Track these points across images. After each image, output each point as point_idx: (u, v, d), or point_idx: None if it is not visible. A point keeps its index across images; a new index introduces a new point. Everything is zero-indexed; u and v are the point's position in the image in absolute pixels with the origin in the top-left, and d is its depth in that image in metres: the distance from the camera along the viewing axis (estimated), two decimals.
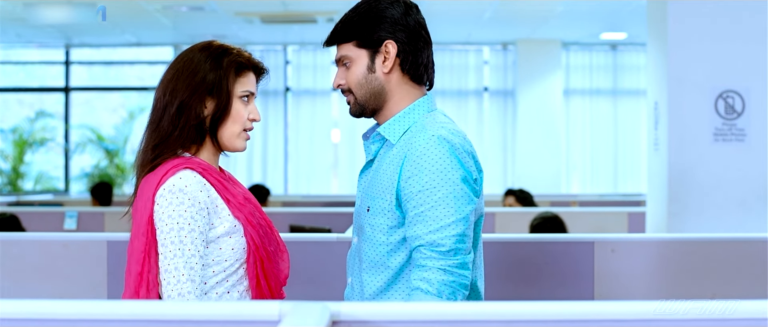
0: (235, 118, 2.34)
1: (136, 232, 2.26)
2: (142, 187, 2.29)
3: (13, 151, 12.65)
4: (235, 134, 2.35)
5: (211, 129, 2.33)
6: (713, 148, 4.90)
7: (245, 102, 2.36)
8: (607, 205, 8.26)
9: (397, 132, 2.39)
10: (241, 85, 2.35)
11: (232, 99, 2.33)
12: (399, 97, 2.42)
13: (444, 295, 2.25)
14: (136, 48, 12.33)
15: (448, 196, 2.27)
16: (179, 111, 2.30)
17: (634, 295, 3.56)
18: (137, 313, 1.71)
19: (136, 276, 2.23)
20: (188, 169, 2.25)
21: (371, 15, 2.40)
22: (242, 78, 2.36)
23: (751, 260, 3.63)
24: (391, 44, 2.39)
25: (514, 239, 3.70)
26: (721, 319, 1.64)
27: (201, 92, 2.30)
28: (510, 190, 7.32)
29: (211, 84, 2.31)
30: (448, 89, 12.32)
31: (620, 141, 12.48)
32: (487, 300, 2.53)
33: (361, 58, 2.41)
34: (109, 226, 6.60)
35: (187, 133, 2.30)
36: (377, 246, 2.38)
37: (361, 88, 2.41)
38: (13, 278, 3.64)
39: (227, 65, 2.33)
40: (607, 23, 10.77)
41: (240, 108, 2.35)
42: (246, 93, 2.36)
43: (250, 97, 2.37)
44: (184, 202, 2.21)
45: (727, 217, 4.85)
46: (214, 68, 2.32)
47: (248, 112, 2.36)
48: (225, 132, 2.34)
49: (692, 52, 4.93)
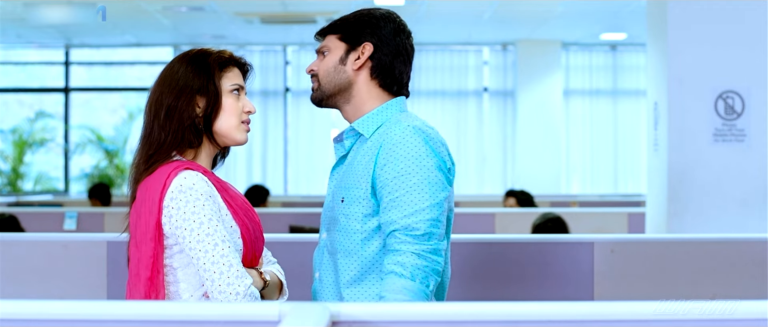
0: (229, 110, 2.35)
1: (143, 238, 2.25)
2: (142, 192, 2.27)
3: (12, 152, 12.65)
4: (234, 126, 2.35)
5: (206, 126, 2.33)
6: (713, 148, 4.90)
7: (236, 95, 2.37)
8: (607, 205, 8.25)
9: (371, 127, 2.46)
10: (227, 79, 2.36)
11: (221, 93, 2.34)
12: (367, 98, 2.49)
13: (417, 280, 2.27)
14: (136, 48, 12.33)
15: (422, 181, 2.33)
16: (168, 115, 2.30)
17: (634, 296, 3.56)
18: (137, 313, 1.71)
19: (146, 281, 2.23)
20: (189, 169, 2.25)
21: (363, 19, 2.50)
22: (227, 73, 2.37)
23: (751, 260, 3.63)
24: (368, 46, 2.48)
25: (515, 240, 3.70)
26: (721, 319, 1.64)
27: (188, 94, 2.31)
28: (511, 191, 7.32)
29: (198, 84, 2.32)
30: (448, 90, 12.32)
31: (620, 141, 12.49)
32: (487, 300, 2.53)
33: (338, 50, 2.49)
34: (109, 226, 6.60)
35: (181, 136, 2.30)
36: (352, 235, 2.42)
37: (327, 77, 2.49)
38: (12, 279, 3.64)
39: (210, 63, 2.35)
40: (607, 24, 10.77)
41: (232, 101, 2.35)
42: (235, 86, 2.37)
43: (241, 91, 2.39)
44: (199, 198, 2.22)
45: (727, 217, 4.85)
46: (197, 69, 2.33)
47: (242, 104, 2.37)
48: (222, 126, 2.34)
49: (692, 52, 4.93)
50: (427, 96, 12.32)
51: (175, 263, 2.27)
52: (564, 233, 4.96)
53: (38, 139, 12.74)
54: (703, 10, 4.94)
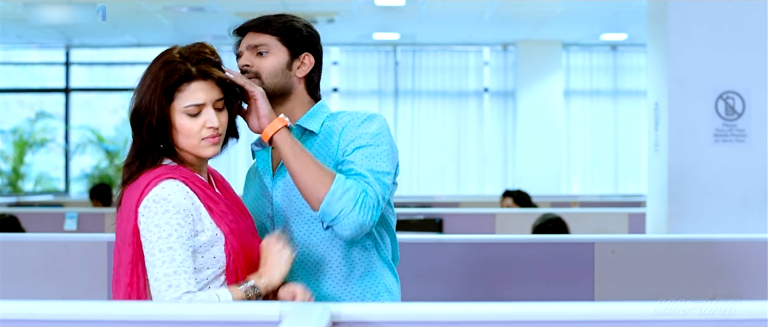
0: (184, 131, 2.26)
1: (122, 243, 2.26)
2: (125, 198, 2.28)
3: (13, 152, 12.65)
4: (194, 145, 2.27)
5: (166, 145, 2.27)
6: (713, 148, 4.90)
7: (192, 116, 2.26)
8: (607, 205, 8.25)
9: (318, 123, 2.54)
10: (182, 99, 2.25)
11: (171, 115, 2.25)
12: (299, 104, 2.56)
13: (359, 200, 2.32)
14: (137, 49, 12.34)
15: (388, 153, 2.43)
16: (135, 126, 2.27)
17: (634, 296, 3.56)
18: (137, 313, 1.71)
19: (126, 287, 2.23)
20: (170, 179, 2.23)
21: (299, 27, 2.57)
22: (181, 93, 2.26)
23: (751, 260, 3.63)
24: (309, 57, 2.56)
25: (515, 240, 3.71)
26: (721, 319, 1.64)
27: (143, 110, 2.26)
28: (507, 191, 7.34)
29: (147, 102, 2.25)
30: (448, 90, 12.32)
31: (620, 142, 12.49)
32: (487, 300, 2.53)
33: (281, 53, 2.53)
34: (110, 227, 6.58)
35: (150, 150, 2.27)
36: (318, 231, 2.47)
37: (274, 78, 2.52)
38: (13, 279, 3.64)
39: (161, 83, 2.25)
40: (608, 24, 10.77)
41: (186, 122, 2.25)
42: (190, 107, 2.26)
43: (201, 108, 2.26)
44: (169, 210, 2.19)
45: (728, 218, 4.85)
46: (152, 85, 2.26)
47: (202, 121, 2.26)
48: (182, 144, 2.28)
49: (693, 52, 4.93)
50: (428, 96, 12.32)
51: None
52: (564, 234, 4.96)
53: (39, 139, 12.74)
54: (703, 11, 4.94)
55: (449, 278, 3.65)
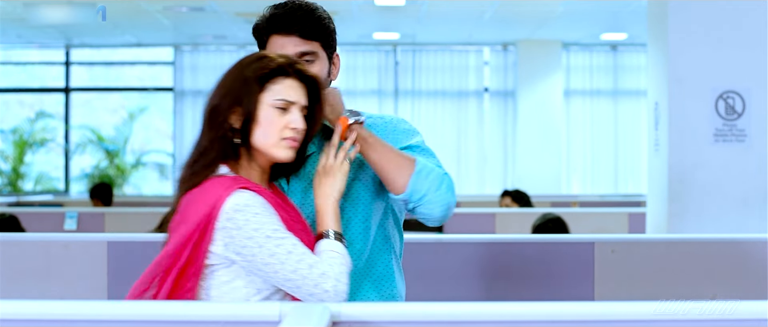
0: (266, 125, 2.16)
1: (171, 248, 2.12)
2: (186, 206, 2.15)
3: (13, 152, 12.66)
4: (271, 144, 2.17)
5: (243, 140, 2.17)
6: (713, 148, 4.90)
7: (280, 110, 2.17)
8: (607, 205, 8.26)
9: None
10: (272, 92, 2.17)
11: (257, 106, 2.16)
12: None
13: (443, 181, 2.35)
14: (137, 48, 12.33)
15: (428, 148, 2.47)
16: (210, 122, 2.18)
17: (634, 296, 3.56)
18: (138, 313, 1.71)
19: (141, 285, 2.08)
20: (244, 189, 2.12)
21: (333, 28, 2.43)
22: (274, 85, 2.17)
23: (751, 260, 3.63)
24: (338, 58, 2.43)
25: (515, 240, 3.71)
26: (721, 319, 1.64)
27: (228, 101, 2.17)
28: (506, 191, 7.38)
29: (237, 92, 2.16)
30: (448, 90, 12.32)
31: (620, 142, 12.49)
32: (487, 300, 2.53)
33: (324, 59, 2.40)
34: (110, 226, 6.61)
35: (220, 147, 2.16)
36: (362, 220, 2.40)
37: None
38: (13, 279, 3.64)
39: (254, 71, 2.17)
40: (608, 24, 10.77)
41: (271, 115, 2.17)
42: (279, 101, 2.17)
43: (289, 105, 2.18)
44: (258, 211, 2.09)
45: (728, 217, 4.85)
46: (240, 76, 2.18)
47: (287, 120, 2.17)
48: (258, 141, 2.17)
49: (693, 52, 4.93)
50: (428, 96, 12.32)
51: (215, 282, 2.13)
52: (564, 234, 4.96)
53: (39, 139, 12.75)
54: (703, 11, 4.94)
55: (449, 278, 3.65)
